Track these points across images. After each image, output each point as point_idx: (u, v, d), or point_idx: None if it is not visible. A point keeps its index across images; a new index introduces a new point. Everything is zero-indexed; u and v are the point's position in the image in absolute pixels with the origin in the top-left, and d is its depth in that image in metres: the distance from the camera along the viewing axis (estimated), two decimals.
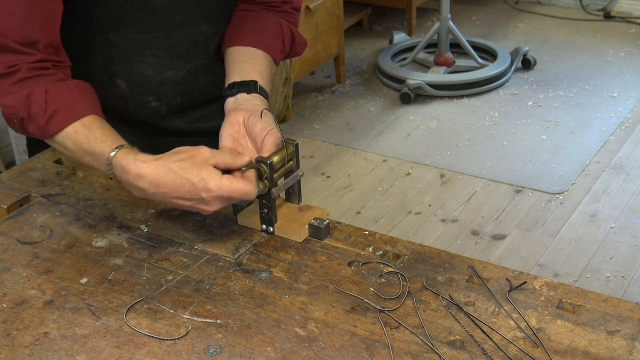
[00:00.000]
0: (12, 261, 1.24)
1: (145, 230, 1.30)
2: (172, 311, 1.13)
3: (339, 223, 1.30)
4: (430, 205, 3.25)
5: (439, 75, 4.12)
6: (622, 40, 4.63)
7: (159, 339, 1.08)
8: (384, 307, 1.11)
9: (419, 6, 4.88)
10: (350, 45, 4.70)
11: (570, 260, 2.91)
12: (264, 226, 1.28)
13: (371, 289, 1.15)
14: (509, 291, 1.13)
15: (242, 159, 1.21)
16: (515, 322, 1.08)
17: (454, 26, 4.22)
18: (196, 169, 1.16)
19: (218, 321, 1.10)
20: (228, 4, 1.50)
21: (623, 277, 2.82)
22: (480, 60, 4.22)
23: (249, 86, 1.37)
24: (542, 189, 3.33)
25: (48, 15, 1.28)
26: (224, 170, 1.19)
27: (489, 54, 4.36)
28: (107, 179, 1.43)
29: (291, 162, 1.28)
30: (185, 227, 1.31)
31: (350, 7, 4.59)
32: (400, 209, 3.24)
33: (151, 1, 1.39)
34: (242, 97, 1.36)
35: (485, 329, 1.07)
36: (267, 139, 1.25)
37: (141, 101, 1.47)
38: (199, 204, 1.18)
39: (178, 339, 1.08)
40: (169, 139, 1.46)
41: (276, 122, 1.28)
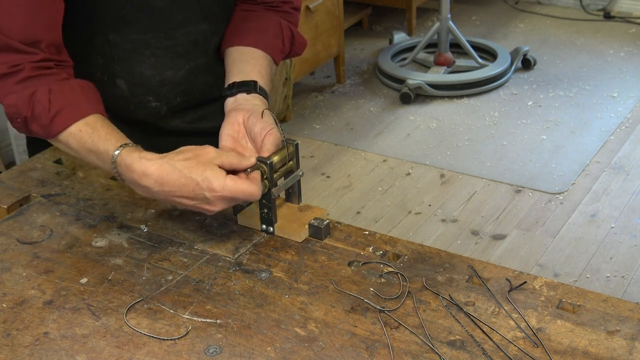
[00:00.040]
0: (12, 261, 1.24)
1: (145, 230, 1.30)
2: (172, 311, 1.12)
3: (339, 223, 1.30)
4: (430, 205, 3.25)
5: (439, 75, 4.12)
6: (622, 40, 4.63)
7: (159, 339, 1.08)
8: (384, 307, 1.11)
9: (419, 6, 4.88)
10: (350, 45, 4.70)
11: (570, 260, 2.91)
12: (264, 226, 1.28)
13: (371, 289, 1.15)
14: (509, 291, 1.13)
15: (248, 160, 1.20)
16: (515, 322, 1.08)
17: (454, 26, 4.22)
18: (201, 169, 1.16)
19: (218, 321, 1.10)
20: (228, 4, 1.50)
21: (623, 277, 2.82)
22: (480, 60, 4.22)
23: (248, 86, 1.37)
24: (542, 189, 3.33)
25: (50, 15, 1.28)
26: (229, 171, 1.19)
27: (489, 54, 4.36)
28: (107, 178, 1.43)
29: (291, 162, 1.28)
30: (185, 227, 1.31)
31: (350, 7, 4.59)
32: (400, 209, 3.24)
33: (151, 1, 1.39)
34: (242, 97, 1.36)
35: (485, 329, 1.07)
36: (267, 139, 1.25)
37: (141, 101, 1.47)
38: (203, 203, 1.17)
39: (178, 339, 1.08)
40: (169, 139, 1.46)
41: (277, 122, 1.28)
